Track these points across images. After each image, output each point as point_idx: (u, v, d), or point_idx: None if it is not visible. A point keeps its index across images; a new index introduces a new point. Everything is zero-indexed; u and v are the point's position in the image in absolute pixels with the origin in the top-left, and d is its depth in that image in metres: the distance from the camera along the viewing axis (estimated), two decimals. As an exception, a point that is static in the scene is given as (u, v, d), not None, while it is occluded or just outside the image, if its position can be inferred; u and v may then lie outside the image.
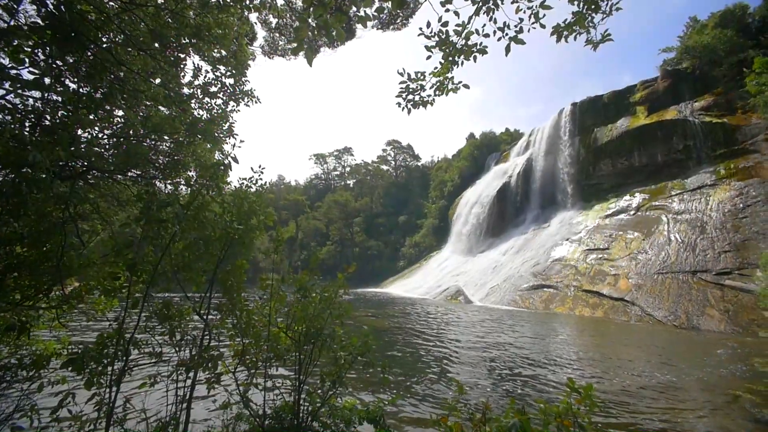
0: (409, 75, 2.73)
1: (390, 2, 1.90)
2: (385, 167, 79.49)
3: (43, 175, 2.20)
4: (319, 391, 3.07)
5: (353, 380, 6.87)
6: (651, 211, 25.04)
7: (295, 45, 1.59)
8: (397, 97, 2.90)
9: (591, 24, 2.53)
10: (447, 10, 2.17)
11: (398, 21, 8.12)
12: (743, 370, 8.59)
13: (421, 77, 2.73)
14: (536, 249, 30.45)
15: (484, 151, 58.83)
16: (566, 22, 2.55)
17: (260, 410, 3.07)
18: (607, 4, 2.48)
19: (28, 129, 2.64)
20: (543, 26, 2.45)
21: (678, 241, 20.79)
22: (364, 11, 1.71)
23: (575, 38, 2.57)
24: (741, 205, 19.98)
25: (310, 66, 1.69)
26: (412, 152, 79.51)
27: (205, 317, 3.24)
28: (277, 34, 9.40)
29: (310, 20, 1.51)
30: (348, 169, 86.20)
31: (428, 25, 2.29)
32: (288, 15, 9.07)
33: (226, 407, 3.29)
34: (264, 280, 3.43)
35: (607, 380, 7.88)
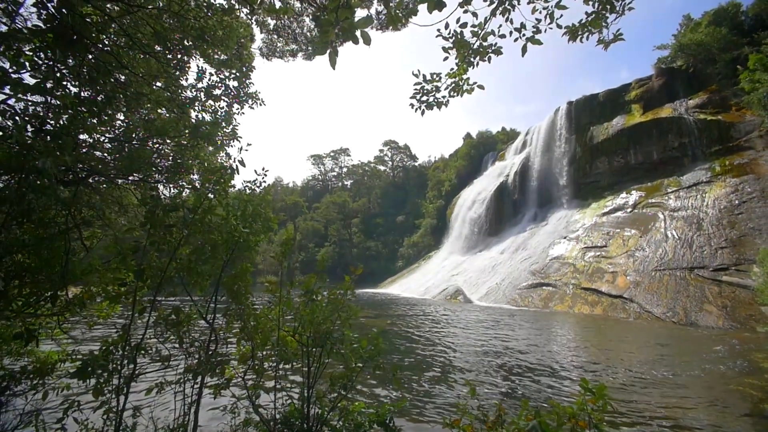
0: (424, 76, 2.71)
1: (427, 4, 1.87)
2: (382, 167, 79.51)
3: (46, 181, 2.16)
4: (331, 396, 3.05)
5: (358, 381, 6.84)
6: (647, 209, 25.19)
7: (320, 48, 1.58)
8: (411, 98, 2.88)
9: (605, 24, 2.54)
10: (466, 11, 2.16)
11: (398, 22, 8.09)
12: (743, 365, 8.65)
13: (437, 78, 2.72)
14: (534, 247, 30.56)
15: (481, 150, 58.99)
16: (581, 22, 2.56)
17: (268, 415, 3.05)
18: (620, 4, 2.50)
19: (30, 134, 2.60)
20: (560, 26, 2.46)
21: (675, 238, 20.93)
22: (396, 12, 1.70)
23: (587, 38, 2.58)
24: (737, 202, 20.15)
25: (333, 69, 1.67)
26: (409, 152, 79.57)
27: (211, 322, 3.21)
28: (275, 36, 9.37)
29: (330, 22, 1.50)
30: (345, 169, 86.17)
31: (447, 26, 2.28)
32: (286, 17, 9.03)
33: (234, 412, 3.26)
34: (272, 284, 3.41)
35: (608, 378, 7.91)
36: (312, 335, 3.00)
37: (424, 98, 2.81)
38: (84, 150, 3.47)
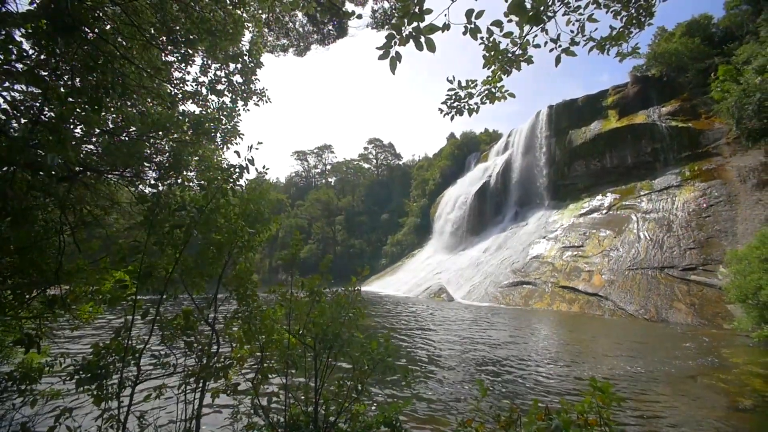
0: (459, 83, 2.73)
1: (519, 19, 1.87)
2: (366, 165, 79.35)
3: (49, 177, 2.03)
4: (340, 399, 3.02)
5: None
6: (622, 210, 26.28)
7: (381, 53, 1.57)
8: (442, 104, 2.89)
9: (628, 39, 2.66)
10: (510, 20, 2.19)
11: (393, 21, 8.05)
12: (714, 361, 9.19)
13: (472, 85, 2.75)
14: (515, 247, 31.32)
15: (465, 150, 59.80)
16: (610, 35, 2.66)
17: (275, 418, 3.00)
18: (645, 21, 2.62)
19: (24, 126, 2.43)
20: (593, 39, 2.55)
21: (647, 239, 21.94)
22: (476, 24, 1.67)
23: (608, 51, 2.69)
24: (704, 205, 21.31)
25: (393, 74, 1.66)
26: (394, 151, 79.76)
27: (212, 324, 3.12)
28: (266, 30, 9.16)
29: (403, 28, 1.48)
30: (329, 167, 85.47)
31: (490, 34, 2.31)
32: (278, 10, 8.84)
33: (236, 417, 3.19)
34: (280, 287, 3.34)
35: (591, 374, 8.22)
36: (320, 337, 2.96)
37: (456, 104, 2.84)
38: (74, 143, 3.28)
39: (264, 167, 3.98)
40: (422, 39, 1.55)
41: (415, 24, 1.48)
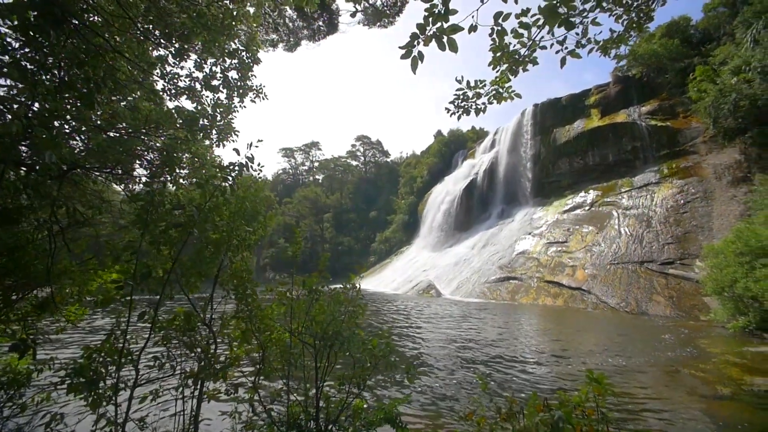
0: (468, 82, 2.76)
1: (548, 21, 1.87)
2: (354, 162, 79.04)
3: (43, 176, 1.96)
4: (340, 395, 3.03)
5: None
6: (603, 207, 27.03)
7: (404, 51, 1.56)
8: (449, 103, 2.92)
9: (628, 42, 2.75)
10: (521, 23, 2.23)
11: (385, 18, 8.04)
12: (693, 352, 9.59)
13: (481, 85, 2.78)
14: (501, 243, 31.84)
15: (452, 147, 60.31)
16: (612, 38, 2.75)
17: (276, 417, 2.98)
18: (644, 25, 2.71)
19: (17, 122, 2.32)
20: (597, 42, 2.62)
21: (627, 234, 22.65)
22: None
23: (609, 53, 2.78)
24: (682, 201, 22.12)
25: (414, 73, 1.66)
26: (381, 148, 79.66)
27: (209, 324, 3.08)
28: (254, 24, 8.97)
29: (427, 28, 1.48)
30: (316, 164, 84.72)
31: (503, 35, 2.33)
32: (266, 5, 8.69)
33: (234, 416, 3.16)
34: (280, 285, 3.32)
35: (578, 366, 8.46)
36: (320, 334, 2.96)
37: (464, 104, 2.86)
38: (75, 142, 3.17)
39: (259, 165, 3.93)
40: (445, 39, 1.56)
41: (439, 24, 1.49)
